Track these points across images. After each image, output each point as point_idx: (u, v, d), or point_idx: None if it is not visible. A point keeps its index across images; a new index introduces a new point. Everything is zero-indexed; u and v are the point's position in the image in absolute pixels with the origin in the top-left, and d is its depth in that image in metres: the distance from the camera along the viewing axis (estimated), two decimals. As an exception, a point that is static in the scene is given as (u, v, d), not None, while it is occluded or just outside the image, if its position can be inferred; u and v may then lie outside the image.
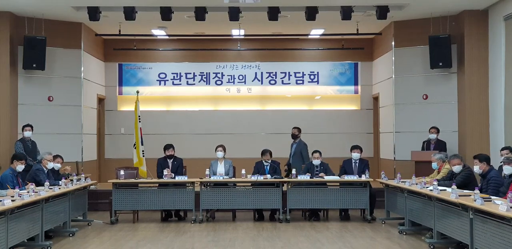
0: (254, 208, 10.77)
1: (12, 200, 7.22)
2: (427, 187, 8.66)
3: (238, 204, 10.59)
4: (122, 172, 10.66)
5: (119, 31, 13.29)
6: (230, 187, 10.70)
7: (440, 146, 11.73)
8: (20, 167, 8.85)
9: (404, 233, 9.22)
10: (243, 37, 14.65)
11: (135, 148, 13.35)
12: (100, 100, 15.02)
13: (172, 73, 15.49)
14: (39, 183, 9.14)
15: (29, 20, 12.44)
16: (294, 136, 11.98)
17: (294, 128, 12.10)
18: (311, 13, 11.59)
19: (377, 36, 14.53)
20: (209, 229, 9.85)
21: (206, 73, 15.50)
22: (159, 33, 14.44)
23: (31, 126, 11.27)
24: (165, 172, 10.77)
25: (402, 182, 9.75)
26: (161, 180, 10.69)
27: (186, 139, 14.99)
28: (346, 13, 11.63)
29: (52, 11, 12.16)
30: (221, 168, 11.05)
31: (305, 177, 10.52)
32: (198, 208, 10.54)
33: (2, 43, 12.08)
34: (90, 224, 10.38)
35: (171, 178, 10.61)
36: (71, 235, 9.25)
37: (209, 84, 15.50)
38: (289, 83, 15.49)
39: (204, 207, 10.56)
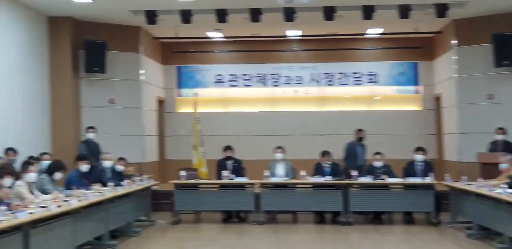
0: (315, 210, 10.64)
1: (78, 200, 7.32)
2: (495, 190, 8.35)
3: (298, 206, 10.48)
4: (183, 173, 10.70)
5: (177, 34, 13.38)
6: (290, 189, 10.60)
7: (509, 147, 11.31)
8: (84, 167, 8.94)
9: (472, 238, 8.93)
10: (299, 37, 14.56)
11: (194, 149, 13.41)
12: (160, 102, 15.18)
13: (229, 75, 15.52)
14: (103, 184, 9.23)
15: (90, 25, 12.68)
16: (361, 139, 11.74)
17: (361, 130, 11.82)
18: (367, 12, 11.41)
19: (437, 34, 14.22)
20: (270, 231, 9.79)
21: (263, 74, 15.47)
22: (215, 35, 14.47)
23: (95, 128, 11.42)
24: (225, 173, 10.75)
25: (468, 184, 9.46)
26: (221, 181, 10.68)
27: (244, 141, 14.96)
28: (404, 11, 11.41)
29: (111, 15, 12.35)
30: (280, 169, 10.97)
31: (367, 179, 10.34)
32: (258, 209, 10.48)
33: (64, 47, 12.33)
34: (153, 224, 10.45)
35: (230, 180, 10.59)
36: (135, 235, 9.32)
37: (266, 85, 15.46)
38: (347, 84, 15.31)
39: (265, 208, 10.49)
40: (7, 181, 6.70)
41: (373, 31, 14.22)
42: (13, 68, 10.89)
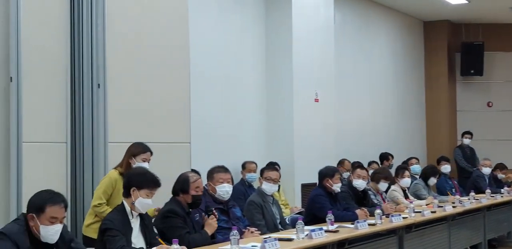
0: None
1: (453, 207, 7.14)
2: None
3: None
4: None
5: None
6: None
7: None
8: (444, 167, 8.88)
9: None
10: None
11: None
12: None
13: None
14: (479, 190, 8.88)
15: (466, 26, 12.52)
16: None
17: None
18: None
19: None
20: None
21: None
22: None
23: (471, 134, 11.12)
24: None
25: None
26: None
27: None
28: None
29: (489, 15, 11.97)
30: None
31: None
32: None
33: (440, 51, 12.37)
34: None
35: None
36: (517, 245, 8.74)
37: None
38: None
39: None
40: (382, 185, 6.85)
41: None
42: (388, 73, 11.28)
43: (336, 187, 6.00)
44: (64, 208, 3.51)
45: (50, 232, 3.43)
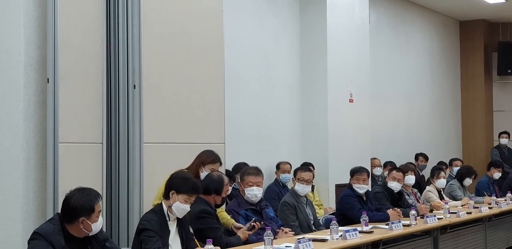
0: None
1: (489, 208, 7.09)
2: None
3: None
4: None
5: None
6: None
7: None
8: (497, 174, 8.71)
9: None
10: None
11: None
12: None
13: None
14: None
15: (503, 26, 12.31)
16: None
17: None
18: None
19: None
20: None
21: None
22: None
23: (508, 133, 10.97)
24: None
25: None
26: None
27: None
28: None
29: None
30: None
31: None
32: None
33: (477, 50, 12.21)
34: None
35: None
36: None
37: None
38: None
39: None
40: (410, 177, 6.75)
41: None
42: (423, 73, 11.19)
43: (356, 187, 5.87)
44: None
45: (98, 225, 3.57)
